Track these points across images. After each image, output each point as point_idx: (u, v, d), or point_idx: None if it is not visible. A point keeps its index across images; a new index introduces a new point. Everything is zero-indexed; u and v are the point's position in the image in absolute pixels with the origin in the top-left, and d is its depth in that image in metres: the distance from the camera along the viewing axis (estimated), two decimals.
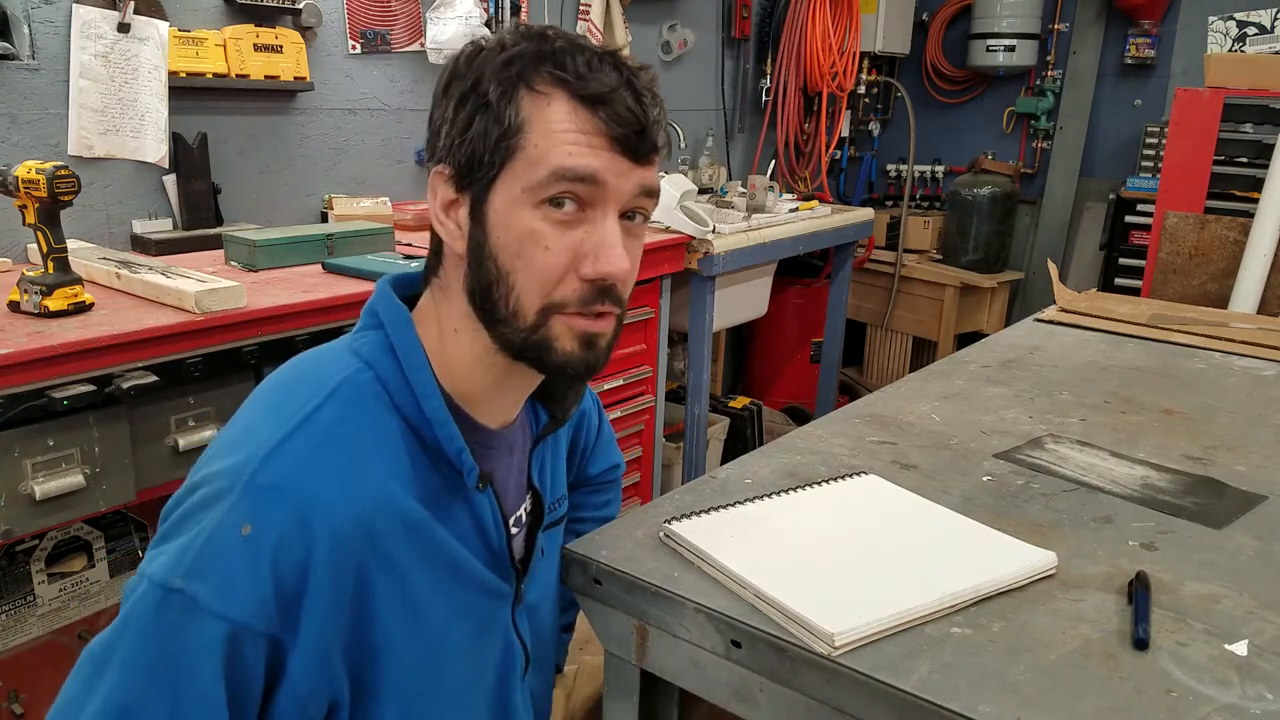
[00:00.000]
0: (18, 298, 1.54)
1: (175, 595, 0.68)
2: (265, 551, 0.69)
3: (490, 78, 0.75)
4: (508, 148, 0.75)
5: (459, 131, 0.76)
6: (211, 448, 0.76)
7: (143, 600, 0.69)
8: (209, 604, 0.68)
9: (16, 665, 1.62)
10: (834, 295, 3.72)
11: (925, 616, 0.86)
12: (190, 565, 0.68)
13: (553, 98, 0.75)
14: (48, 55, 1.96)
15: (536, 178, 0.74)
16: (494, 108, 0.75)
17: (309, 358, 0.83)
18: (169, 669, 0.68)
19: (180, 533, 0.71)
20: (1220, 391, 1.58)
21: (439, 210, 0.80)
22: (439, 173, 0.79)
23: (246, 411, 0.79)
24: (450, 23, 2.61)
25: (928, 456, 1.26)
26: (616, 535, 1.02)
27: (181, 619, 0.68)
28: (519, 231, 0.76)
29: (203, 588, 0.68)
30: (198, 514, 0.71)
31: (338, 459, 0.73)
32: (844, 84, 3.86)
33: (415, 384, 0.78)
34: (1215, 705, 0.75)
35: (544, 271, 0.76)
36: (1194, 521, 1.09)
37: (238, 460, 0.71)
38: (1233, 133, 2.76)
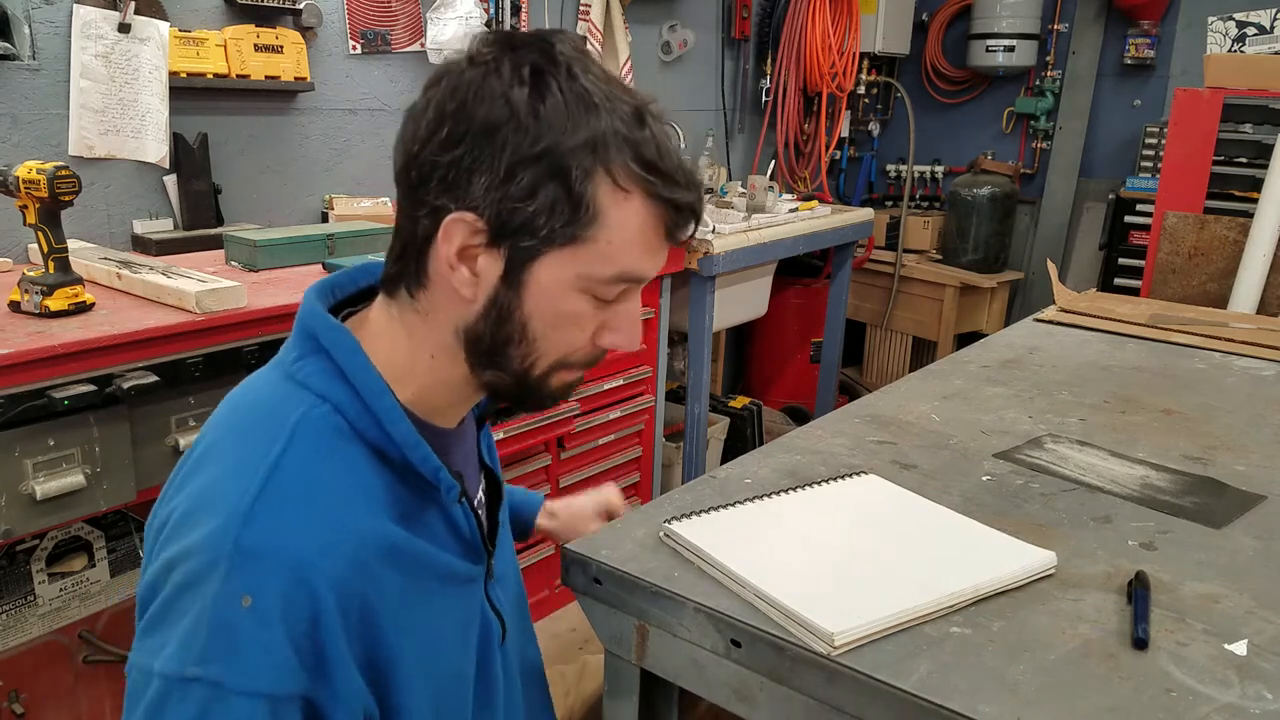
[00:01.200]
0: (18, 298, 1.54)
1: (195, 685, 0.65)
2: (273, 617, 0.66)
3: (569, 152, 0.70)
4: (574, 234, 0.72)
5: (519, 195, 0.70)
6: (174, 512, 0.72)
7: (162, 699, 0.65)
8: (235, 684, 0.65)
9: (17, 665, 1.62)
10: (834, 295, 3.72)
11: (925, 616, 0.86)
12: (201, 651, 0.65)
13: (632, 196, 0.72)
14: (48, 55, 1.96)
15: (601, 274, 0.74)
16: (571, 188, 0.70)
17: (250, 394, 0.79)
18: None
19: (172, 619, 0.67)
20: (1220, 391, 1.58)
21: (451, 255, 0.73)
22: (464, 221, 0.72)
23: (201, 465, 0.74)
24: (450, 23, 2.61)
25: (927, 456, 1.27)
26: (616, 535, 1.02)
27: (211, 707, 0.65)
28: (563, 311, 0.75)
29: (223, 670, 0.65)
30: (185, 595, 0.67)
31: (316, 508, 0.71)
32: (844, 84, 3.86)
33: (378, 410, 0.75)
34: (1215, 705, 0.75)
35: (571, 344, 0.78)
36: (1194, 521, 1.09)
37: (213, 529, 0.67)
38: (1232, 133, 2.76)
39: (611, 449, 2.66)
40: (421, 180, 0.74)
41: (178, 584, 0.68)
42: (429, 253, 0.76)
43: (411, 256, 0.77)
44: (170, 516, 0.72)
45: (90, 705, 1.74)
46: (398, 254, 0.78)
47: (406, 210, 0.77)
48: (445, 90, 0.72)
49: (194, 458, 0.76)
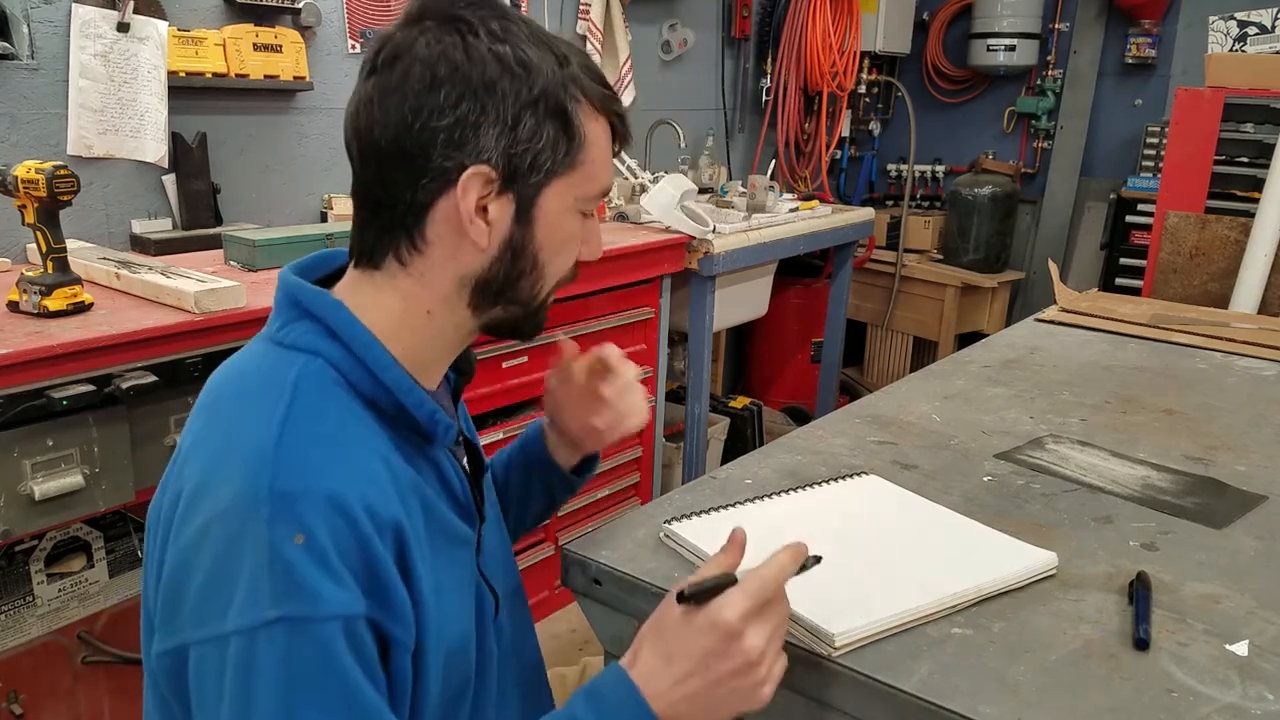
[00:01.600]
0: (17, 298, 1.54)
1: (276, 625, 0.66)
2: (327, 549, 0.68)
3: (557, 85, 0.77)
4: (572, 160, 0.80)
5: (525, 138, 0.77)
6: (185, 488, 0.73)
7: (247, 652, 0.67)
8: (312, 613, 0.67)
9: (15, 666, 1.61)
10: (834, 295, 3.71)
11: (926, 617, 0.85)
12: (272, 594, 0.66)
13: (599, 116, 0.82)
14: (47, 55, 1.96)
15: (590, 192, 0.83)
16: (568, 118, 0.78)
17: (238, 368, 0.81)
18: (313, 688, 0.67)
19: (226, 581, 0.68)
20: (1221, 391, 1.58)
21: (470, 208, 0.77)
22: (480, 173, 0.76)
23: (204, 440, 0.76)
24: None
25: (928, 456, 1.26)
26: (616, 535, 1.02)
27: (295, 641, 0.67)
28: (566, 234, 0.83)
29: (296, 605, 0.67)
30: (234, 553, 0.68)
31: (337, 445, 0.73)
32: (844, 84, 3.86)
33: (370, 360, 0.78)
34: (1216, 705, 0.75)
35: (567, 264, 0.86)
36: (1195, 521, 1.09)
37: (244, 484, 0.69)
38: (1233, 132, 2.76)
39: (611, 449, 2.65)
40: (421, 148, 0.76)
41: (221, 545, 0.69)
42: (427, 216, 0.79)
43: (403, 225, 0.79)
44: (182, 493, 0.73)
45: (89, 706, 1.74)
46: (382, 228, 0.80)
47: (398, 183, 0.78)
48: (423, 59, 0.75)
49: (192, 437, 0.77)
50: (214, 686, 0.68)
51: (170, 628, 0.71)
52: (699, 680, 0.73)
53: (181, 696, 0.72)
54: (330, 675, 0.67)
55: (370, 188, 0.80)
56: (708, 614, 0.73)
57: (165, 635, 0.72)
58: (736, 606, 0.73)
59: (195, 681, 0.69)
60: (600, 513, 2.68)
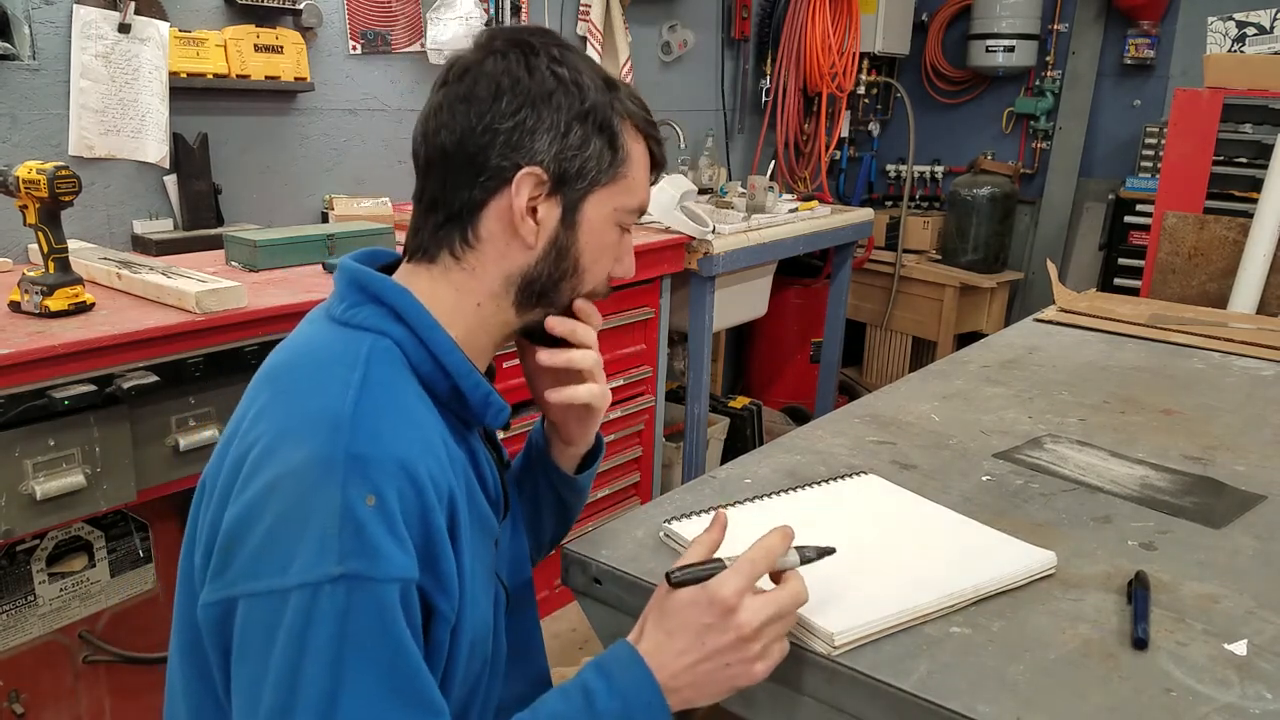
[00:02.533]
0: (18, 298, 1.54)
1: (340, 582, 0.69)
2: (395, 513, 0.72)
3: (605, 105, 0.87)
4: (614, 173, 0.88)
5: (575, 146, 0.85)
6: (255, 447, 0.75)
7: (308, 606, 0.69)
8: (376, 573, 0.70)
9: (17, 665, 1.62)
10: (834, 295, 3.72)
11: (925, 616, 0.86)
12: (339, 551, 0.69)
13: (639, 139, 0.91)
14: (48, 55, 1.96)
15: (630, 205, 0.91)
16: (614, 134, 0.87)
17: (305, 343, 0.85)
18: (366, 646, 0.70)
19: (291, 535, 0.70)
20: (1219, 391, 1.59)
21: (522, 206, 0.85)
22: (533, 174, 0.84)
23: (275, 405, 0.79)
24: (450, 23, 2.62)
25: (927, 456, 1.27)
26: (616, 535, 1.03)
27: (356, 599, 0.69)
28: (604, 241, 0.90)
29: (363, 563, 0.70)
30: (303, 509, 0.71)
31: (406, 417, 0.78)
32: (844, 84, 3.86)
33: (433, 342, 0.83)
34: (1215, 705, 0.75)
35: (603, 273, 0.92)
36: (1193, 521, 1.09)
37: (319, 445, 0.72)
38: (1232, 133, 2.76)
39: (611, 449, 2.66)
40: (481, 149, 0.84)
41: (289, 502, 0.71)
42: (482, 214, 0.86)
43: (461, 221, 0.87)
44: (247, 455, 0.75)
45: (90, 705, 1.74)
46: (439, 224, 0.87)
47: (458, 182, 0.86)
48: (490, 73, 0.85)
49: (258, 406, 0.80)
50: (262, 638, 0.70)
51: (221, 580, 0.73)
52: (697, 654, 0.77)
53: (223, 648, 0.74)
54: (383, 635, 0.70)
55: (432, 188, 0.87)
56: (705, 590, 0.78)
57: (215, 588, 0.74)
58: (730, 584, 0.77)
59: (241, 633, 0.72)
60: (600, 513, 2.68)
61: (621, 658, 0.79)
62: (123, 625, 1.77)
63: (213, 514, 0.77)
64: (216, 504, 0.77)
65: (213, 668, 0.78)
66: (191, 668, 0.81)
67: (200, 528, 0.80)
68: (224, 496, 0.76)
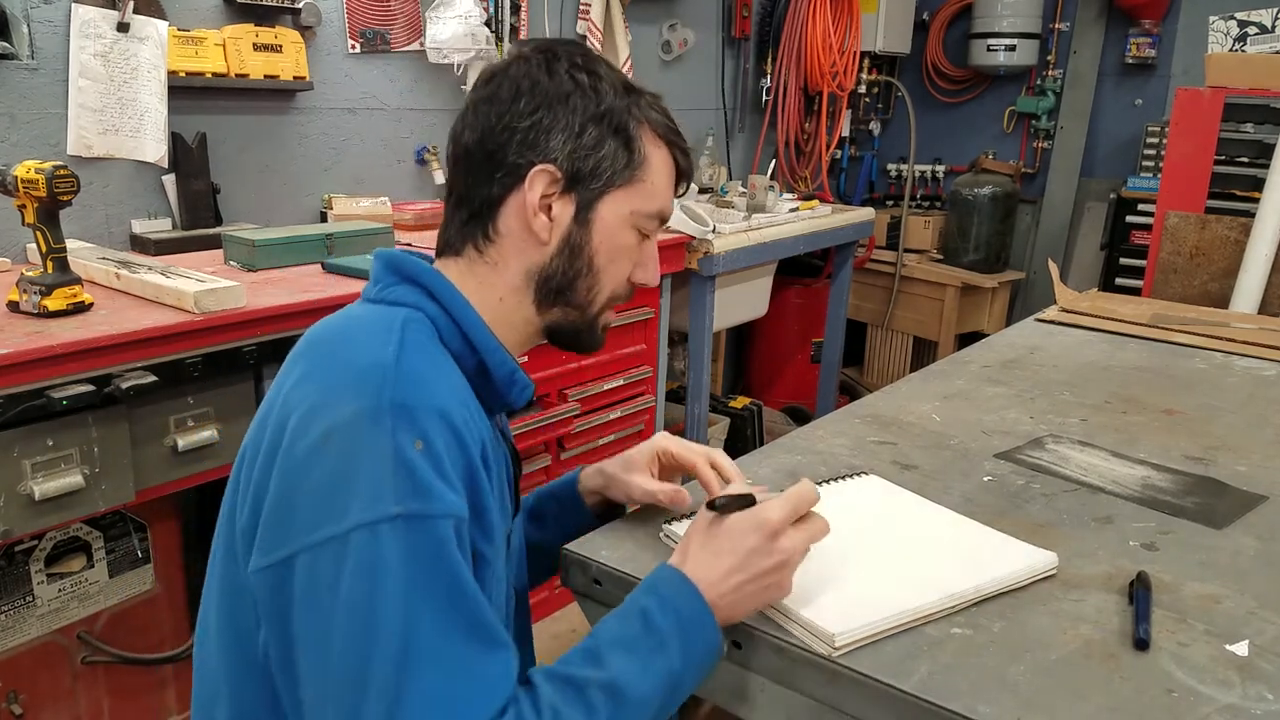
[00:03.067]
0: (17, 298, 1.54)
1: (397, 521, 0.72)
2: (441, 456, 0.75)
3: (622, 109, 0.90)
4: (630, 176, 0.91)
5: (589, 145, 0.89)
6: (298, 409, 0.78)
7: (370, 544, 0.71)
8: (429, 510, 0.73)
9: (15, 666, 1.61)
10: (834, 295, 3.71)
11: (926, 617, 0.85)
12: (395, 492, 0.72)
13: (661, 146, 0.93)
14: (47, 55, 1.96)
15: (648, 210, 0.93)
16: (630, 137, 0.90)
17: (342, 320, 0.88)
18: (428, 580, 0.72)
19: (346, 482, 0.73)
20: (1221, 392, 1.58)
21: (534, 201, 0.88)
22: (546, 171, 0.88)
23: (315, 371, 0.82)
24: (450, 22, 2.61)
25: (928, 456, 1.26)
26: (616, 535, 1.02)
27: (415, 536, 0.72)
28: (620, 243, 0.93)
29: (418, 503, 0.73)
30: (353, 460, 0.74)
31: (442, 374, 0.82)
32: (844, 83, 3.86)
33: (463, 319, 0.88)
34: (1216, 705, 0.75)
35: (621, 277, 0.95)
36: (1195, 522, 1.09)
37: (362, 399, 0.76)
38: (1233, 132, 2.76)
39: (612, 449, 2.65)
40: (500, 146, 0.89)
41: (341, 452, 0.74)
42: (501, 210, 0.90)
43: (482, 216, 0.91)
44: (293, 414, 0.78)
45: (89, 705, 1.74)
46: (464, 220, 0.92)
47: (479, 179, 0.90)
48: (513, 76, 0.89)
49: (297, 375, 0.82)
50: (327, 585, 0.72)
51: (276, 542, 0.75)
52: (743, 574, 0.82)
53: (277, 613, 0.75)
54: (443, 568, 0.73)
55: (458, 186, 0.92)
56: (755, 516, 0.83)
57: (269, 550, 0.75)
58: (779, 512, 0.83)
59: (304, 586, 0.73)
60: None
61: (669, 578, 0.82)
62: (121, 626, 1.77)
63: (257, 478, 0.79)
64: (261, 468, 0.79)
65: (259, 639, 0.79)
66: (233, 645, 0.82)
67: (242, 496, 0.81)
68: (269, 458, 0.78)
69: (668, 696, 0.78)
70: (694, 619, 0.80)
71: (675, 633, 0.79)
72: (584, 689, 0.75)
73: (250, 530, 0.78)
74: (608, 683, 0.75)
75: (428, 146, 2.73)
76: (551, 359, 2.32)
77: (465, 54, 2.65)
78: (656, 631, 0.78)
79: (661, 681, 0.77)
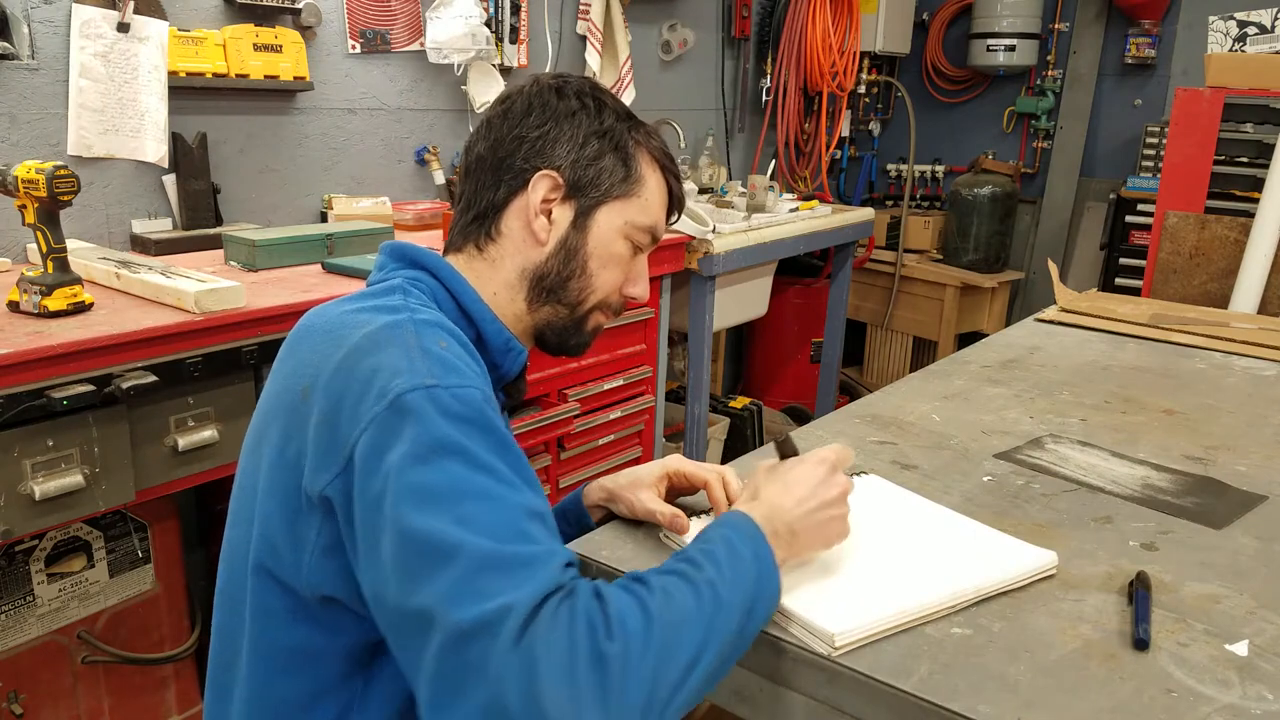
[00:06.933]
0: (17, 298, 1.54)
1: (435, 388, 0.76)
2: (463, 355, 0.83)
3: (622, 130, 0.99)
4: (626, 190, 0.99)
5: (590, 158, 0.97)
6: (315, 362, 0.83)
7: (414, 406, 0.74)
8: (463, 381, 0.78)
9: (15, 666, 1.61)
10: (834, 295, 3.71)
11: (925, 617, 0.85)
12: (429, 370, 0.77)
13: (656, 170, 1.01)
14: (47, 55, 1.96)
15: (641, 223, 1.00)
16: (628, 155, 0.98)
17: (342, 304, 0.92)
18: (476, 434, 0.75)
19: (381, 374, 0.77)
20: (1221, 391, 1.58)
21: (536, 203, 0.96)
22: (549, 176, 0.96)
23: (319, 328, 0.88)
24: (450, 22, 2.61)
25: (928, 456, 1.26)
26: (616, 535, 1.02)
27: (453, 396, 0.76)
28: (613, 250, 1.00)
29: (452, 377, 0.78)
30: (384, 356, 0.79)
31: (442, 323, 0.87)
32: (844, 84, 3.86)
33: (459, 293, 0.95)
34: (1215, 705, 0.75)
35: (612, 284, 1.01)
36: (1194, 521, 1.09)
37: (383, 321, 0.83)
38: (1233, 132, 2.76)
39: (611, 449, 2.66)
40: (510, 152, 0.97)
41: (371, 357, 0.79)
42: (504, 212, 0.98)
43: (485, 218, 0.98)
44: (319, 371, 0.82)
45: (89, 705, 1.74)
46: (470, 220, 0.99)
47: (487, 183, 0.98)
48: (526, 95, 0.98)
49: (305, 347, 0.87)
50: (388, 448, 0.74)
51: (331, 456, 0.77)
52: (813, 501, 0.88)
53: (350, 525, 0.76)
54: (485, 422, 0.77)
55: (467, 192, 1.00)
56: (814, 454, 0.92)
57: (326, 467, 0.78)
58: (832, 451, 0.93)
59: (364, 464, 0.75)
60: None
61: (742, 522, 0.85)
62: (122, 625, 1.77)
63: (301, 420, 0.81)
64: (295, 420, 0.82)
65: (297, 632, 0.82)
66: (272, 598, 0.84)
67: (272, 445, 0.84)
68: (304, 408, 0.81)
69: (744, 620, 0.77)
70: (767, 558, 0.82)
71: (753, 560, 0.81)
72: (690, 580, 0.76)
73: (282, 478, 0.82)
74: (709, 580, 0.76)
75: (428, 146, 2.73)
76: (552, 359, 2.32)
77: (465, 54, 2.65)
78: (738, 553, 0.80)
79: (744, 599, 0.77)
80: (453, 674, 0.67)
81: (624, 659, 0.68)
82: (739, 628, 0.76)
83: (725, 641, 0.74)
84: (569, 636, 0.67)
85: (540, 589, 0.69)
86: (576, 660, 0.66)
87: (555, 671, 0.65)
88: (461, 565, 0.69)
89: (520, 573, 0.69)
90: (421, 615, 0.69)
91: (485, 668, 0.66)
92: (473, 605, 0.67)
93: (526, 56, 2.92)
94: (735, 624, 0.76)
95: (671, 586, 0.75)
